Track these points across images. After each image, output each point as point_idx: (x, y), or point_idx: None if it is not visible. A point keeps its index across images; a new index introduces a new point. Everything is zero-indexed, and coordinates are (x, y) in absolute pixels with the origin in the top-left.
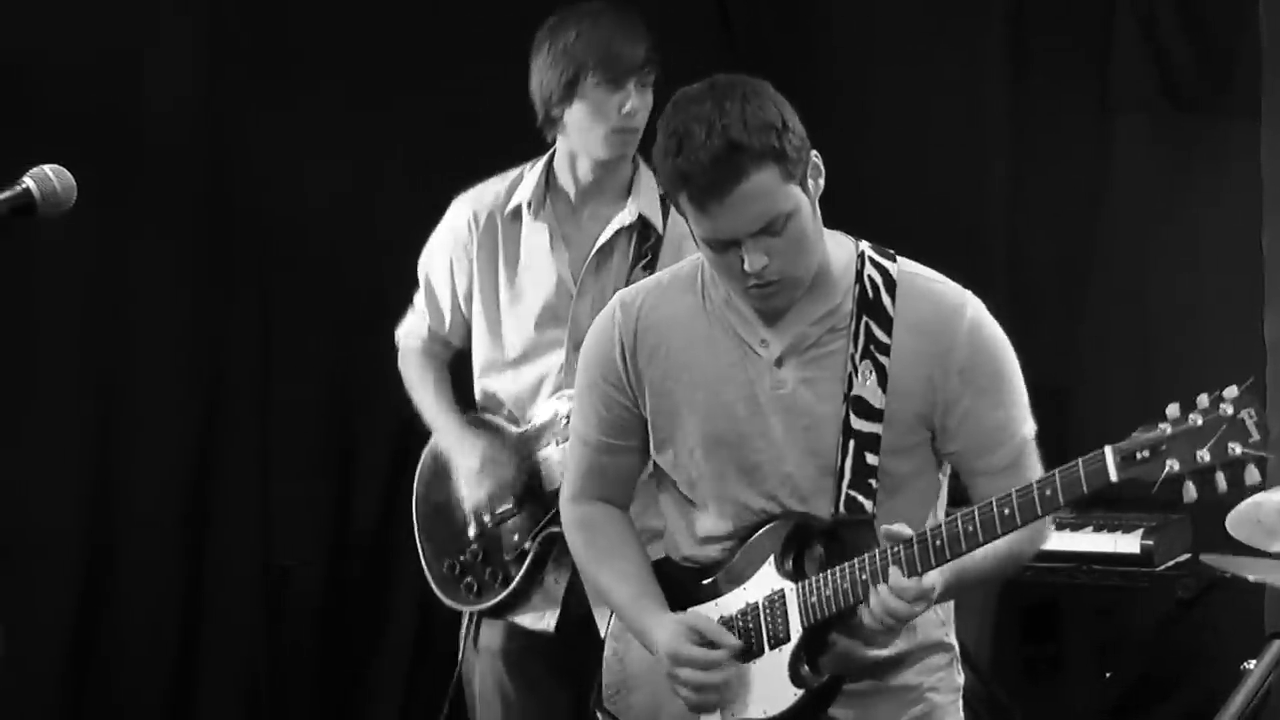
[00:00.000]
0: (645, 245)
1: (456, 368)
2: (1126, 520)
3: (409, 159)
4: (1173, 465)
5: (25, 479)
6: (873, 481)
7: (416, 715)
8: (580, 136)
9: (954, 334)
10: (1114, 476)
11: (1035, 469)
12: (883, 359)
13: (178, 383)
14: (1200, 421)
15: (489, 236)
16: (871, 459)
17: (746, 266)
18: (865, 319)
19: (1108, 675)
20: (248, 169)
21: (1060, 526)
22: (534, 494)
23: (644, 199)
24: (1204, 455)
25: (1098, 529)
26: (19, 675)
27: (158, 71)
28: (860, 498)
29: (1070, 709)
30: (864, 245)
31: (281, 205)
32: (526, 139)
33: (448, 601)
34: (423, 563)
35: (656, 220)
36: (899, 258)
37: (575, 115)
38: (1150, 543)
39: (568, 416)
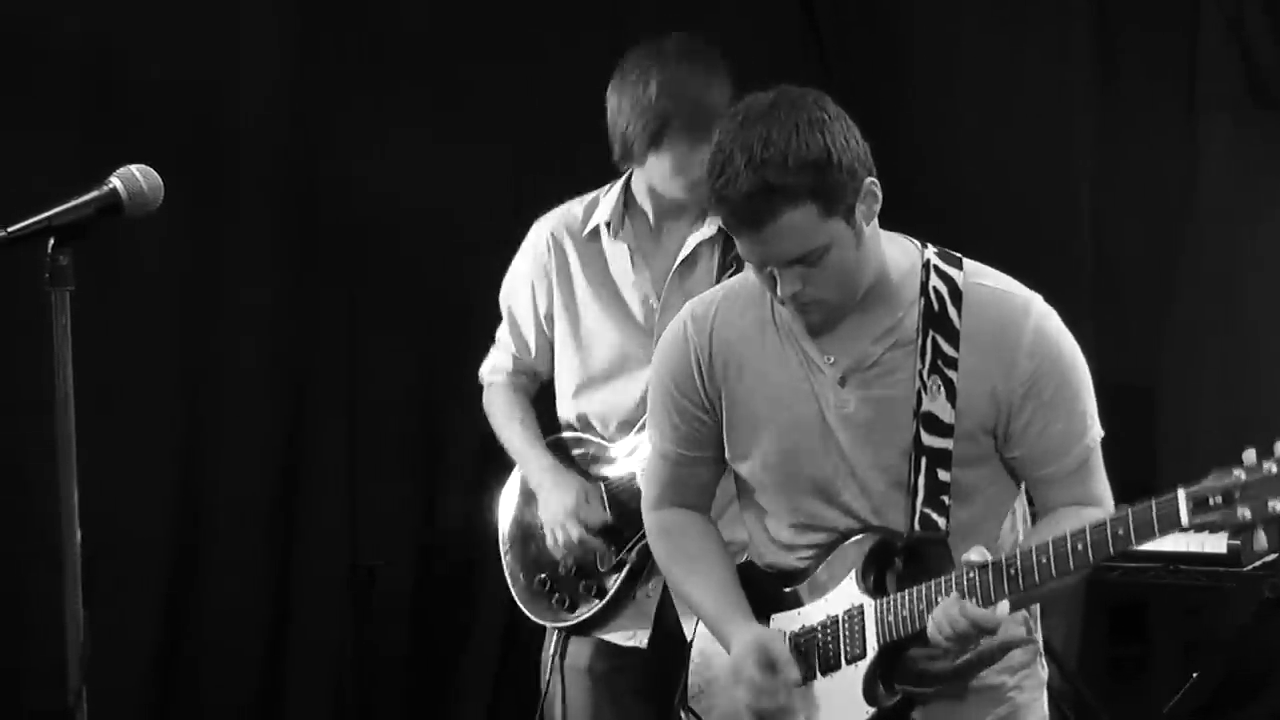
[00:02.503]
0: (730, 255)
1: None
2: None
3: (496, 160)
4: (1245, 514)
5: (114, 481)
6: (945, 498)
7: (503, 715)
8: (662, 182)
9: (1017, 346)
10: (1185, 522)
11: (1098, 475)
12: (950, 373)
13: (265, 384)
14: (1276, 470)
15: (568, 257)
16: (944, 475)
17: (778, 291)
18: (932, 333)
19: (1194, 675)
20: (335, 170)
21: None
22: (627, 508)
23: None
24: (1277, 506)
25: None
26: (107, 677)
27: (247, 73)
28: (934, 514)
29: (1157, 709)
30: (929, 252)
31: (369, 207)
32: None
33: (535, 618)
34: (508, 578)
35: None
36: (965, 261)
37: (658, 163)
38: (1237, 543)
39: None
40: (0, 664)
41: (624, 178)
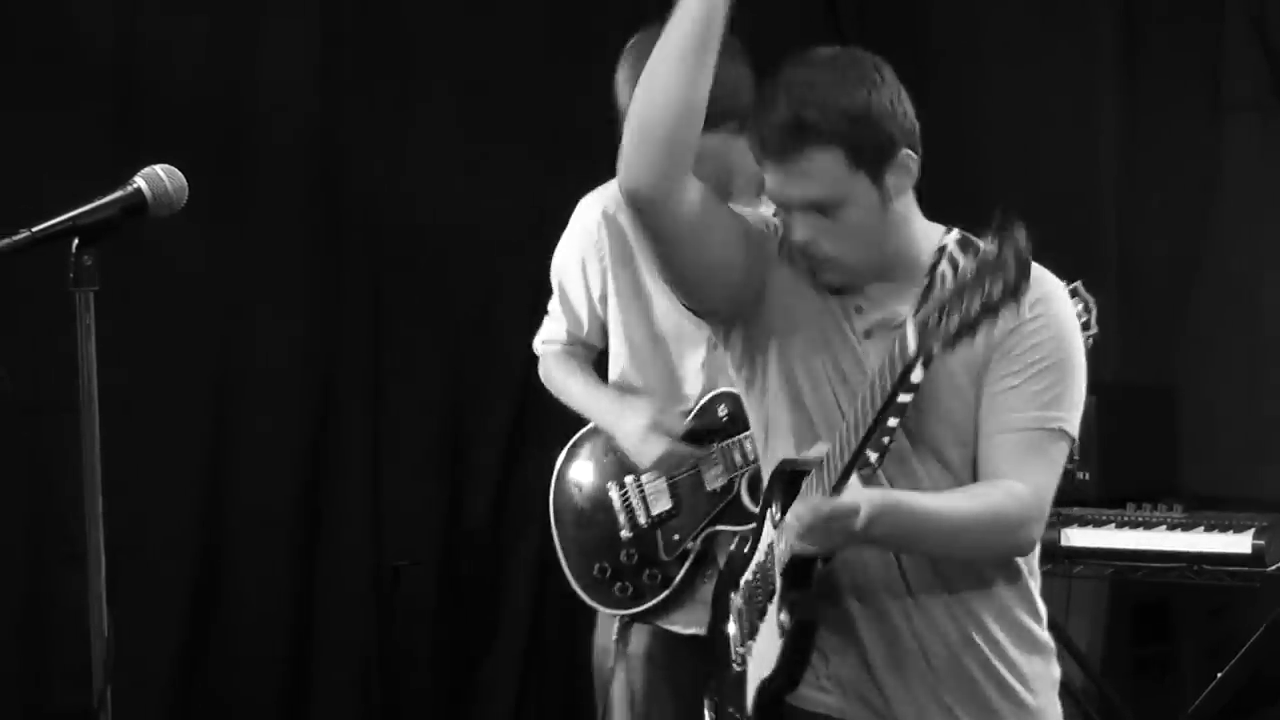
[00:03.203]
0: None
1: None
2: (1237, 520)
3: (521, 159)
4: (953, 322)
5: (138, 481)
6: (886, 439)
7: (529, 715)
8: None
9: (1043, 300)
10: (912, 348)
11: (1042, 464)
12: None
13: (290, 383)
14: (972, 269)
15: (621, 231)
16: (893, 421)
17: (793, 235)
18: (939, 275)
19: (1219, 675)
20: (360, 170)
21: (1171, 527)
22: (694, 494)
23: None
24: (974, 306)
25: (1208, 529)
26: (132, 677)
27: (273, 73)
28: (869, 453)
29: (1182, 709)
30: (950, 238)
31: (393, 206)
32: None
33: (596, 605)
34: (565, 568)
35: None
36: None
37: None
38: (1261, 543)
39: (729, 414)
40: (26, 664)
41: None
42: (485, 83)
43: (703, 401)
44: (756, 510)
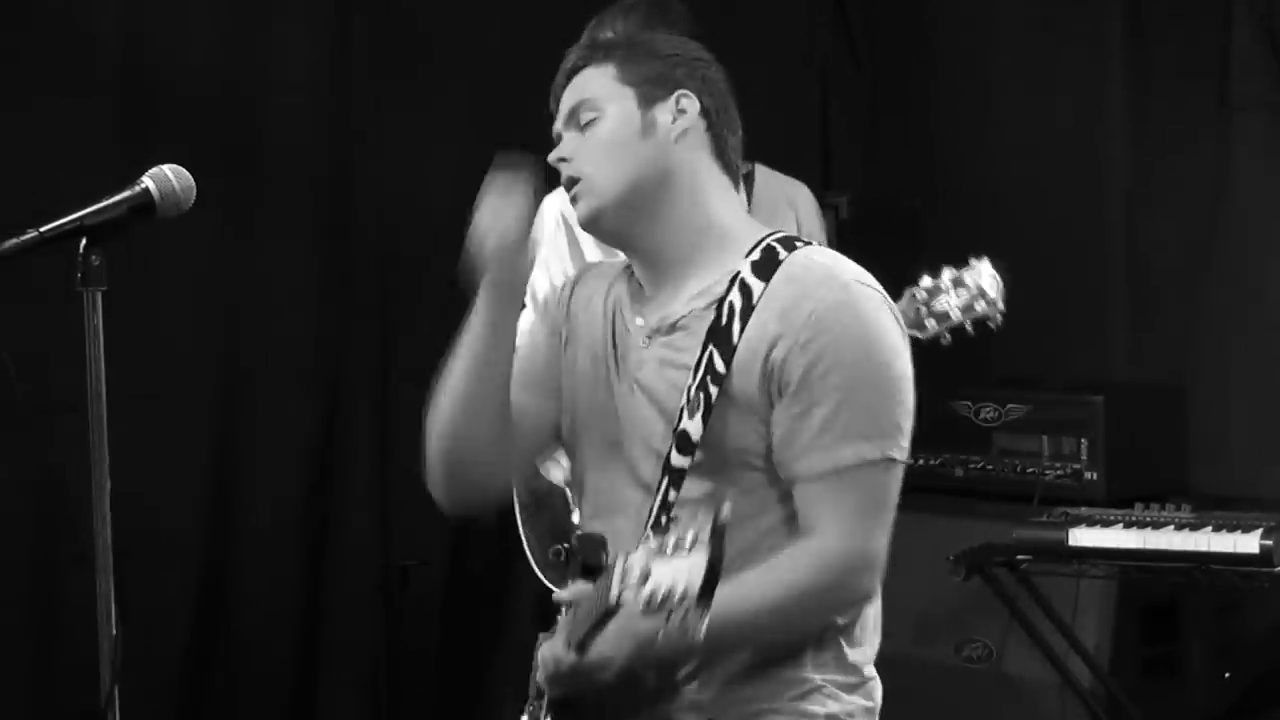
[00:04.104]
0: None
1: None
2: (1246, 520)
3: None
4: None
5: (146, 481)
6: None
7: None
8: None
9: (804, 307)
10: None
11: (864, 509)
12: (713, 389)
13: (298, 384)
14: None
15: (573, 235)
16: (680, 460)
17: (550, 156)
18: (710, 346)
19: (1227, 675)
20: (369, 171)
21: (1180, 526)
22: None
23: None
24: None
25: (1217, 529)
26: (139, 677)
27: (282, 72)
28: (664, 517)
29: (1189, 709)
30: (777, 234)
31: (403, 207)
32: None
33: (554, 587)
34: (527, 550)
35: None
36: (815, 247)
37: None
38: (1270, 543)
39: None
40: (35, 663)
41: None
42: (495, 81)
43: None
44: None
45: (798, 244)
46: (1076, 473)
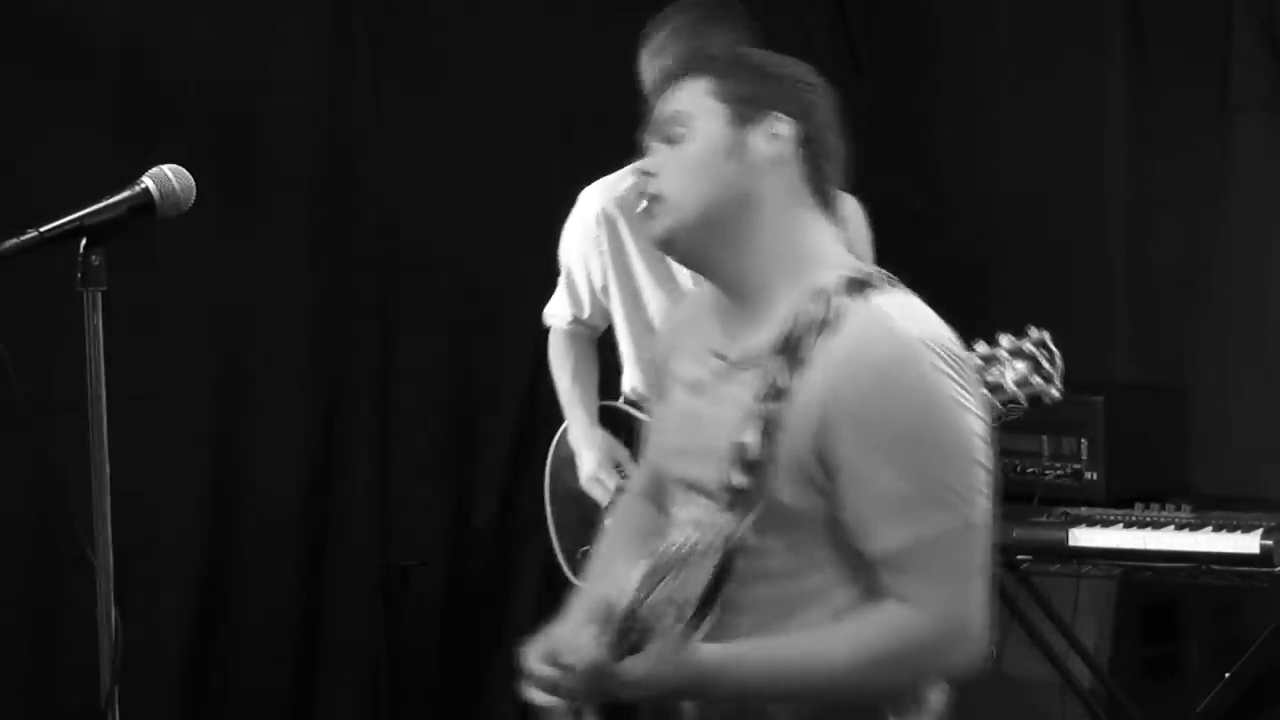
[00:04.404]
0: None
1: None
2: (1246, 520)
3: (531, 159)
4: None
5: (147, 481)
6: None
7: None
8: None
9: (858, 369)
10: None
11: (950, 576)
12: (791, 379)
13: (298, 384)
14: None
15: (621, 234)
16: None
17: (638, 164)
18: (792, 329)
19: (1227, 675)
20: (370, 169)
21: (1180, 527)
22: None
23: None
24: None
25: (1217, 529)
26: (140, 676)
27: (281, 72)
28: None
29: (1190, 709)
30: (846, 270)
31: (403, 206)
32: None
33: (577, 582)
34: (554, 543)
35: None
36: (895, 291)
37: None
38: (1270, 543)
39: None
40: (35, 664)
41: None
42: (495, 79)
43: None
44: None
45: (873, 284)
46: (1076, 473)
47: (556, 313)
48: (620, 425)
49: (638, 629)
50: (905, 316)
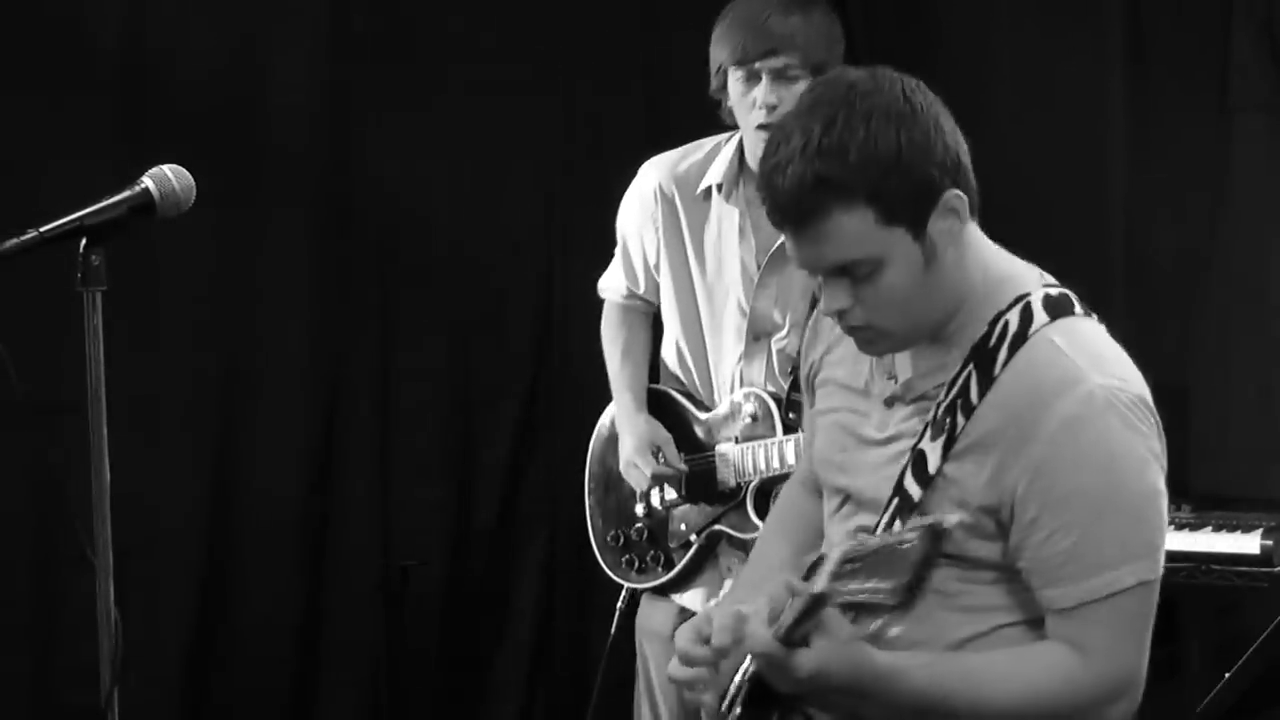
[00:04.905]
0: None
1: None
2: (1246, 520)
3: (530, 160)
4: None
5: (147, 480)
6: None
7: (538, 716)
8: (740, 112)
9: (1039, 421)
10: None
11: (1122, 631)
12: (961, 419)
13: (298, 384)
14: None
15: (676, 210)
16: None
17: (821, 306)
18: (971, 367)
19: (1226, 676)
20: (369, 170)
21: (1179, 527)
22: (706, 487)
23: None
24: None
25: (1217, 529)
26: (140, 676)
27: (281, 72)
28: None
29: (1189, 709)
30: (1036, 292)
31: (403, 207)
32: (653, 143)
33: (607, 569)
34: (588, 523)
35: None
36: (1072, 318)
37: (731, 106)
38: (1270, 543)
39: (753, 415)
40: (35, 664)
41: (738, 136)
42: (494, 80)
43: (733, 398)
44: (760, 523)
45: (1071, 309)
46: None
47: (611, 285)
48: (665, 410)
49: (816, 622)
50: (1094, 358)
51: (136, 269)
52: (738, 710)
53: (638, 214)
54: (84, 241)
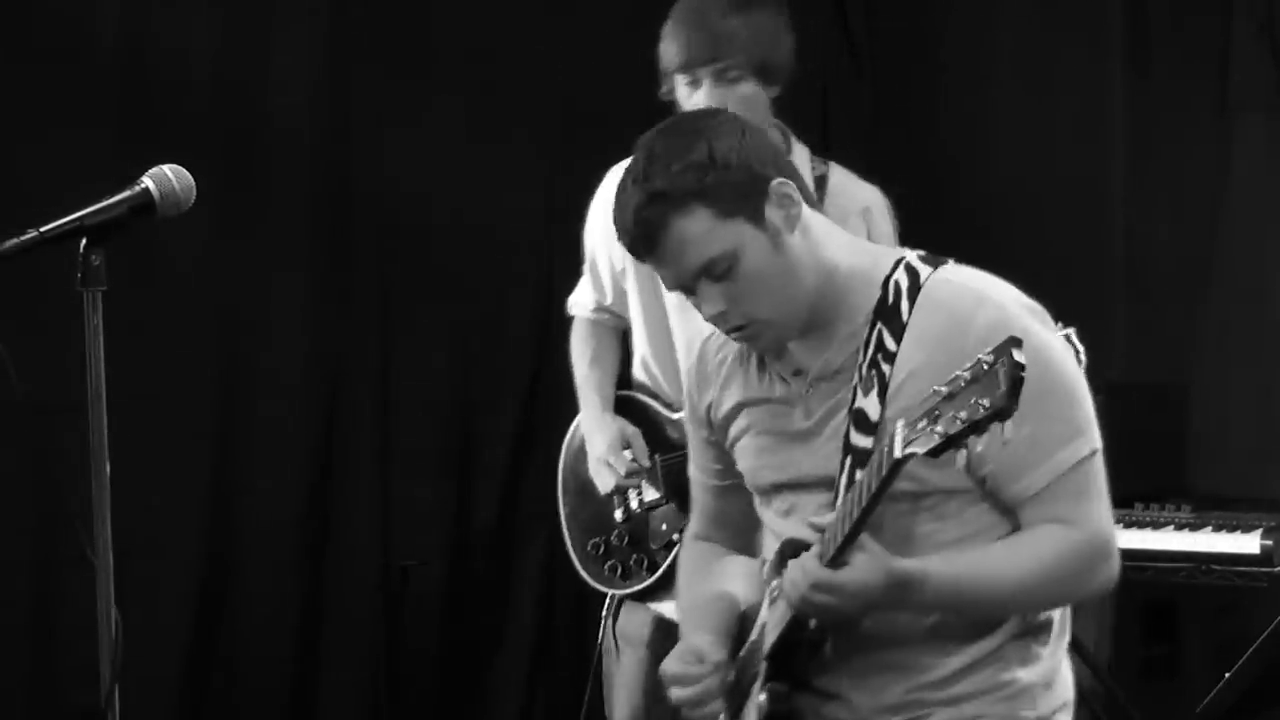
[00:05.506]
0: None
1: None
2: (1246, 520)
3: (531, 159)
4: (940, 431)
5: (146, 480)
6: None
7: (538, 716)
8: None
9: (965, 336)
10: (899, 453)
11: (1088, 494)
12: (886, 367)
13: (298, 383)
14: (969, 377)
15: None
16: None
17: (703, 313)
18: (879, 326)
19: (1226, 676)
20: (370, 170)
21: (1179, 527)
22: (683, 485)
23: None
24: (962, 414)
25: (1216, 529)
26: (140, 676)
27: (281, 72)
28: None
29: (1189, 709)
30: (909, 254)
31: (403, 206)
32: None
33: (589, 579)
34: (565, 536)
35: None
36: (950, 264)
37: (682, 95)
38: (1270, 543)
39: None
40: (35, 664)
41: None
42: (493, 81)
43: None
44: None
45: (927, 265)
46: None
47: (580, 300)
48: (635, 414)
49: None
50: (990, 284)
51: (136, 269)
52: (762, 697)
53: (603, 221)
54: (84, 241)
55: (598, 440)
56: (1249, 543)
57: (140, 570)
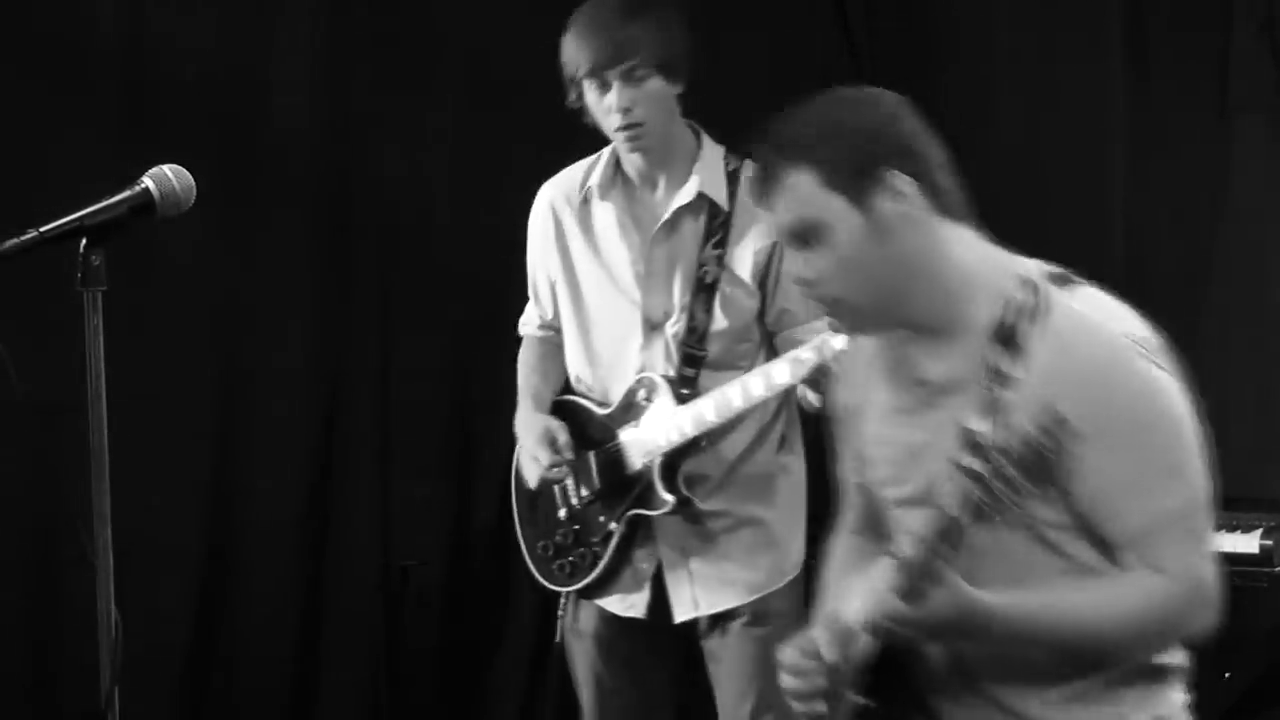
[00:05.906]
0: (715, 222)
1: None
2: (1245, 520)
3: (531, 159)
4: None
5: (147, 479)
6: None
7: (538, 715)
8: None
9: (1079, 370)
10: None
11: (1189, 543)
12: (1000, 390)
13: (298, 383)
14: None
15: (564, 225)
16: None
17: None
18: (999, 346)
19: (1227, 675)
20: (369, 170)
21: None
22: (616, 476)
23: (705, 176)
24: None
25: (1216, 529)
26: (140, 675)
27: (281, 72)
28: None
29: (1189, 709)
30: (1035, 272)
31: (402, 206)
32: None
33: (543, 582)
34: (521, 544)
35: (720, 197)
36: (1077, 287)
37: (592, 115)
38: (1270, 543)
39: (647, 397)
40: (35, 664)
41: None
42: (494, 82)
43: (628, 387)
44: (669, 496)
45: (1071, 279)
46: None
47: (527, 319)
48: (570, 414)
49: (930, 576)
50: (1109, 315)
51: (137, 269)
52: (861, 700)
53: (539, 235)
54: (84, 241)
55: (526, 437)
56: (1249, 543)
57: (140, 570)
